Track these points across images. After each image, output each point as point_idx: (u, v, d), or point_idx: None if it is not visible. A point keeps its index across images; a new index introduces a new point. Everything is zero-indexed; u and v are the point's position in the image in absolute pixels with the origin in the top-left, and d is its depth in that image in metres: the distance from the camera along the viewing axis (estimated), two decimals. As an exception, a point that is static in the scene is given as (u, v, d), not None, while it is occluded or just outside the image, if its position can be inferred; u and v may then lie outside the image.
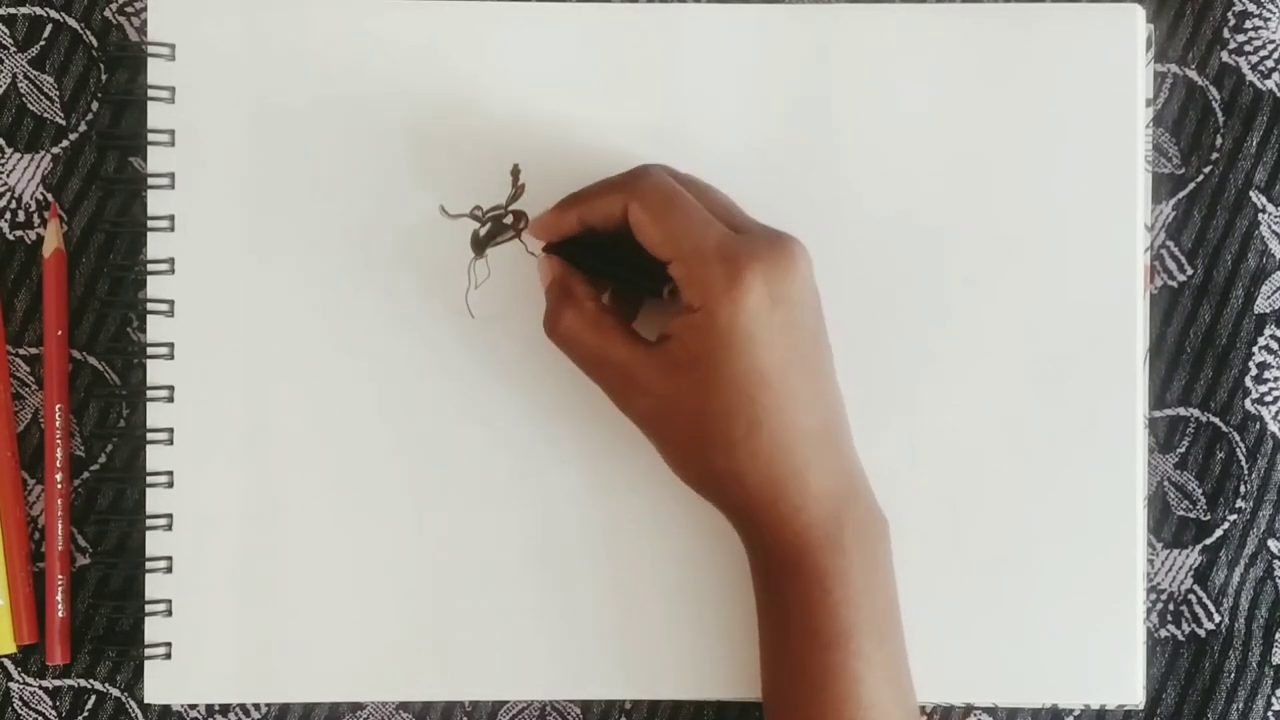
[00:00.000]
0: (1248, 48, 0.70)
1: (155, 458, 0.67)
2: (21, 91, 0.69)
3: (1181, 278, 0.70)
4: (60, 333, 0.68)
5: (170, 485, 0.67)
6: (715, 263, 0.60)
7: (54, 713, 0.69)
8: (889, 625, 0.62)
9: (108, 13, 0.69)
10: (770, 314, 0.60)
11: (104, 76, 0.69)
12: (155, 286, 0.68)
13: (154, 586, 0.67)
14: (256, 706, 0.69)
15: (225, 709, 0.69)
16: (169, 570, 0.67)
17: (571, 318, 0.63)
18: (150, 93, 0.68)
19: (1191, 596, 0.70)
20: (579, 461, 0.67)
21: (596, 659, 0.67)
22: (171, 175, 0.68)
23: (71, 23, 0.69)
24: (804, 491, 0.61)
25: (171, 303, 0.68)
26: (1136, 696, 0.68)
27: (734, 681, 0.67)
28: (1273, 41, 0.70)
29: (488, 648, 0.67)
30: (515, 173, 0.66)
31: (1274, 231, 0.70)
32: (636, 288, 0.64)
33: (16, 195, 0.69)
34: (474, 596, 0.67)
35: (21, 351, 0.69)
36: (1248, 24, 0.70)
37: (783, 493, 0.61)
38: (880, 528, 0.63)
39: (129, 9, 0.69)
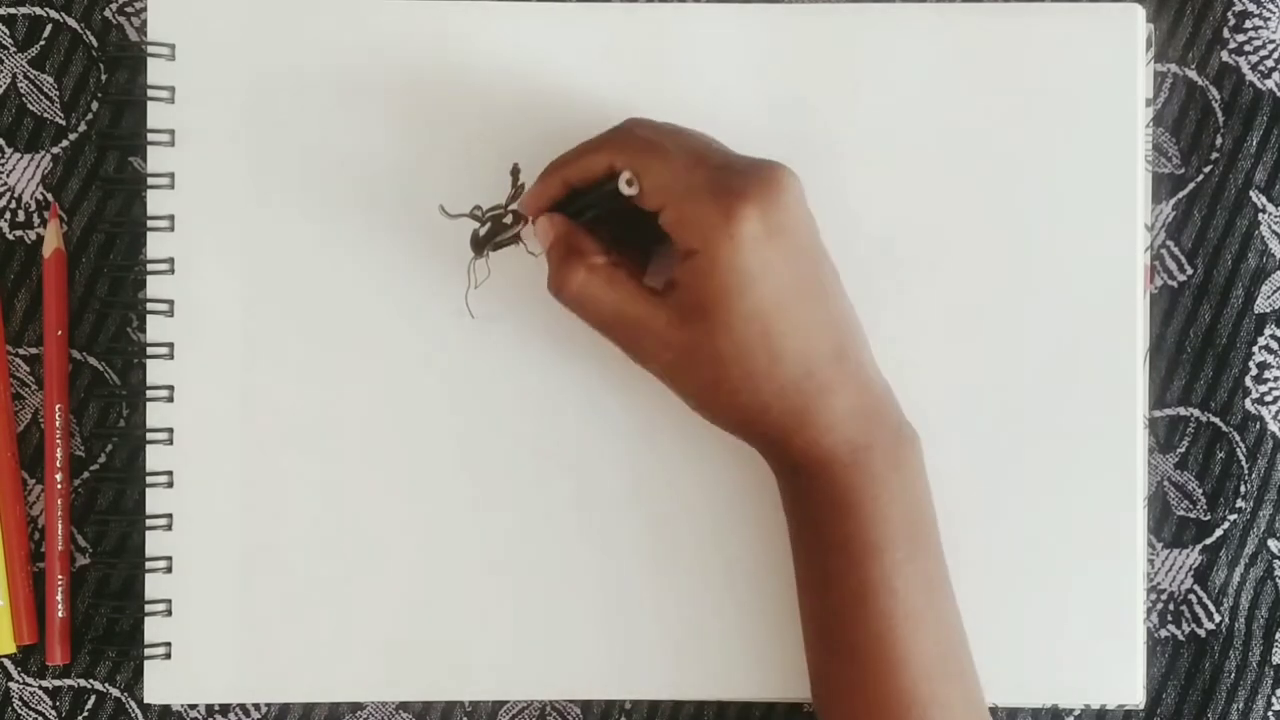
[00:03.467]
0: (1248, 48, 0.70)
1: (155, 458, 0.67)
2: (21, 91, 0.69)
3: (1181, 278, 0.70)
4: (60, 333, 0.68)
5: (170, 485, 0.67)
6: (707, 203, 0.59)
7: (54, 713, 0.69)
8: (924, 538, 0.62)
9: (108, 13, 0.69)
10: (769, 244, 0.59)
11: (104, 76, 0.69)
12: (155, 286, 0.68)
13: (154, 586, 0.67)
14: (256, 706, 0.69)
15: (225, 709, 0.69)
16: (169, 570, 0.67)
17: (582, 276, 0.62)
18: (150, 93, 0.68)
19: (1192, 596, 0.70)
20: (578, 462, 0.67)
21: (596, 659, 0.67)
22: (171, 175, 0.68)
23: (71, 23, 0.69)
24: (829, 411, 0.61)
25: (171, 303, 0.68)
26: (1136, 696, 0.68)
27: (735, 682, 0.67)
28: (1273, 41, 0.70)
29: (488, 648, 0.67)
30: (515, 173, 0.66)
31: (1274, 231, 0.70)
32: (640, 235, 0.63)
33: (16, 195, 0.69)
34: (474, 596, 0.67)
35: (21, 351, 0.69)
36: (1248, 24, 0.70)
37: (809, 418, 0.61)
38: (910, 441, 0.63)
39: (129, 9, 0.69)
